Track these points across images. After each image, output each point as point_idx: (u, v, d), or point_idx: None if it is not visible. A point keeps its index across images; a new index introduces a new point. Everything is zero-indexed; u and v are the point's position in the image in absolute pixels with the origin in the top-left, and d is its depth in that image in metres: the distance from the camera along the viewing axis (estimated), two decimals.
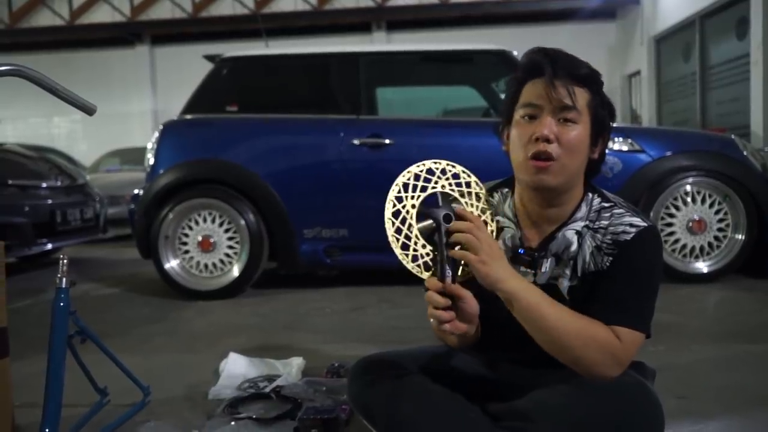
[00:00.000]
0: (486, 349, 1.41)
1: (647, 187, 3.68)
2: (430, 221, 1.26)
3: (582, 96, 1.26)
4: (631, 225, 1.29)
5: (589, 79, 1.28)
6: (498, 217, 1.38)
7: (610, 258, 1.29)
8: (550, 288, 1.31)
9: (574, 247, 1.31)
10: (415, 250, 1.26)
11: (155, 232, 3.76)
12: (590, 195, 1.35)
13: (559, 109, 1.25)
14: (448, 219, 1.25)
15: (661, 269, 1.36)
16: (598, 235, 1.31)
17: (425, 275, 1.26)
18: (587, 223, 1.32)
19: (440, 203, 1.28)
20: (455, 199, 1.32)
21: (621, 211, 1.32)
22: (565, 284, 1.32)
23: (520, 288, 1.22)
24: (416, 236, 1.26)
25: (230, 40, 11.25)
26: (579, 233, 1.32)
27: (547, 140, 1.24)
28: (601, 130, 1.31)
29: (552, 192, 1.30)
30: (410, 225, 1.27)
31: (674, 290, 3.55)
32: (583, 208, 1.34)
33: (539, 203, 1.33)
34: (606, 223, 1.31)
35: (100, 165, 9.49)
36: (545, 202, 1.32)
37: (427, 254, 1.26)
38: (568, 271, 1.32)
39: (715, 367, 2.26)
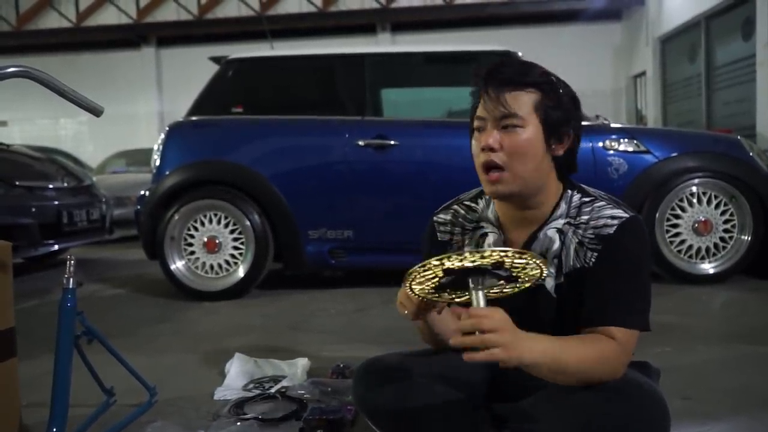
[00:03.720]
0: None
1: (653, 188, 3.68)
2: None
3: (525, 100, 1.27)
4: (613, 217, 1.28)
5: (535, 83, 1.28)
6: (482, 223, 1.39)
7: (595, 253, 1.28)
8: (537, 288, 1.29)
9: (557, 245, 1.31)
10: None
11: (161, 233, 3.77)
12: (569, 192, 1.35)
13: (498, 117, 1.27)
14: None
15: (650, 259, 1.34)
16: (580, 230, 1.30)
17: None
18: (568, 219, 1.32)
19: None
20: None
21: (602, 203, 1.31)
22: (551, 283, 1.31)
23: (540, 354, 1.15)
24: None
25: (235, 42, 11.26)
26: (561, 231, 1.31)
27: (491, 149, 1.26)
28: (557, 128, 1.30)
29: (515, 198, 1.30)
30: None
31: (680, 291, 3.54)
32: (563, 206, 1.33)
33: (513, 207, 1.34)
34: (587, 217, 1.30)
35: (106, 166, 9.52)
36: (518, 206, 1.33)
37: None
38: (553, 270, 1.31)
39: (721, 368, 2.26)
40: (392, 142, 3.77)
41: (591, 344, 1.20)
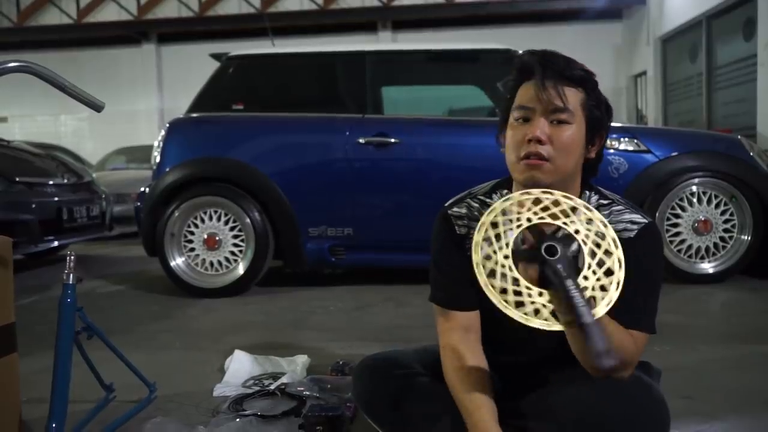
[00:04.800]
0: (487, 352, 1.41)
1: (653, 188, 3.68)
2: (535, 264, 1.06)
3: (574, 96, 1.25)
4: (632, 222, 1.29)
5: (582, 79, 1.27)
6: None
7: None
8: None
9: (575, 245, 1.30)
10: (532, 302, 1.04)
11: (161, 230, 3.77)
12: (587, 193, 1.35)
13: (550, 110, 1.24)
14: (553, 252, 1.05)
15: (663, 265, 1.35)
16: None
17: (555, 325, 1.03)
18: None
19: (524, 241, 1.08)
20: (547, 229, 1.11)
21: (620, 207, 1.32)
22: None
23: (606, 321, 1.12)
24: (527, 287, 1.05)
25: (236, 39, 11.27)
26: (578, 231, 1.31)
27: (539, 141, 1.23)
28: (596, 130, 1.30)
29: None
30: (515, 279, 1.05)
31: (680, 291, 3.54)
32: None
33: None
34: (606, 220, 1.31)
35: (106, 163, 9.51)
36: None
37: (549, 302, 1.04)
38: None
39: (722, 367, 2.26)
40: (393, 140, 3.77)
41: (629, 337, 1.21)
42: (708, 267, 3.74)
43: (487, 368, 1.33)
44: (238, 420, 1.76)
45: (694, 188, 3.73)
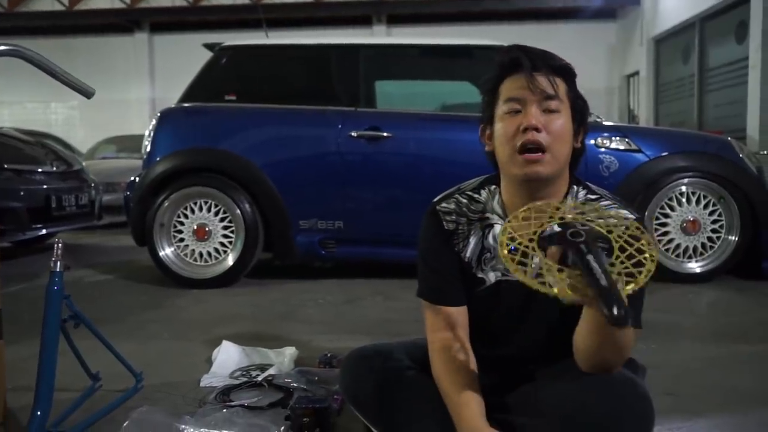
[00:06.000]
0: (475, 347, 1.41)
1: (643, 187, 3.69)
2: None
3: (561, 86, 1.27)
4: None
5: (564, 69, 1.29)
6: (487, 214, 1.37)
7: (604, 252, 1.28)
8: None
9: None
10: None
11: (150, 220, 3.75)
12: (575, 187, 1.35)
13: (542, 99, 1.25)
14: (577, 235, 1.04)
15: None
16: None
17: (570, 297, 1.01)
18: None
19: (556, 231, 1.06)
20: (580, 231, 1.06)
21: (608, 203, 1.31)
22: None
23: None
24: (546, 263, 1.04)
25: (230, 30, 11.21)
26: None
27: (536, 129, 1.24)
28: (581, 120, 1.32)
29: (542, 183, 1.28)
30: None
31: (667, 289, 3.56)
32: (569, 201, 1.32)
33: (525, 196, 1.30)
34: (595, 215, 1.31)
35: (96, 152, 9.46)
36: (531, 195, 1.29)
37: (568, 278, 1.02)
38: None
39: (707, 365, 2.28)
40: (385, 134, 3.76)
41: (631, 331, 1.18)
42: (695, 266, 3.77)
43: (475, 363, 1.33)
44: (224, 410, 1.76)
45: (684, 188, 3.76)
